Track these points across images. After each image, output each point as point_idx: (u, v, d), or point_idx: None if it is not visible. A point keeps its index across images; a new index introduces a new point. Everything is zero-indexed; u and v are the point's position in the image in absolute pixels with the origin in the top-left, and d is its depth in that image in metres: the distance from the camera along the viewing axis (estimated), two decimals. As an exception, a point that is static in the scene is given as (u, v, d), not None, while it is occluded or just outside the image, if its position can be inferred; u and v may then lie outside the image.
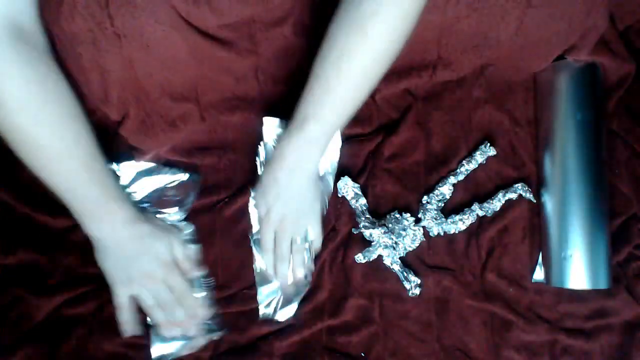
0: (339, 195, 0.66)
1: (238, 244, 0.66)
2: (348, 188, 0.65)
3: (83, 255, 0.65)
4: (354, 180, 0.66)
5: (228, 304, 0.65)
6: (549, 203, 0.64)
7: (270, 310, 0.63)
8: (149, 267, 0.57)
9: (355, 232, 0.65)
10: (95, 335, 0.63)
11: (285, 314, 0.63)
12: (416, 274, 0.64)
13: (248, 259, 0.66)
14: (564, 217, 0.62)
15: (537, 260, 0.65)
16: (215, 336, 0.63)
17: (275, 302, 0.63)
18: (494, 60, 0.66)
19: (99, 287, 0.65)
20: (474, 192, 0.67)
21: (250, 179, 0.68)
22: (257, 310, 0.63)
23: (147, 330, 0.63)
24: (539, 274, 0.65)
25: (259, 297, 0.63)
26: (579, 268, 0.60)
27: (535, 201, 0.65)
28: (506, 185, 0.66)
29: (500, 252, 0.65)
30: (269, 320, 0.63)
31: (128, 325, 0.59)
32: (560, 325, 0.64)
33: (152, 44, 0.57)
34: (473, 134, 0.68)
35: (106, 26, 0.55)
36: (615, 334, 0.64)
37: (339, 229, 0.66)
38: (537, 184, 0.67)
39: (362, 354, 0.64)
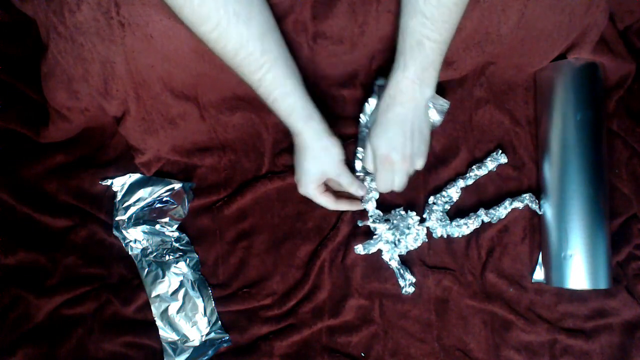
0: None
1: (238, 243, 0.67)
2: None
3: (83, 255, 0.66)
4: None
5: (228, 304, 0.65)
6: (550, 203, 0.64)
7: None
8: None
9: (360, 224, 0.65)
10: (95, 335, 0.63)
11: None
12: (413, 273, 0.64)
13: (248, 258, 0.66)
14: (564, 217, 0.61)
15: (537, 260, 0.65)
16: (224, 345, 0.64)
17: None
18: (495, 57, 0.66)
19: (99, 287, 0.65)
20: (474, 191, 0.67)
21: (249, 179, 0.68)
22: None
23: (160, 345, 0.63)
24: (539, 274, 0.65)
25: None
26: (579, 268, 0.60)
27: (540, 212, 0.65)
28: (506, 185, 0.67)
29: (500, 252, 0.65)
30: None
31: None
32: (560, 325, 0.64)
33: (156, 35, 0.57)
34: (474, 133, 0.68)
35: (112, 15, 0.55)
36: (615, 334, 0.64)
37: (340, 229, 0.66)
38: (537, 184, 0.67)
39: (362, 354, 0.64)
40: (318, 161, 0.58)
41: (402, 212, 0.65)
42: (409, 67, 0.54)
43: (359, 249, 0.64)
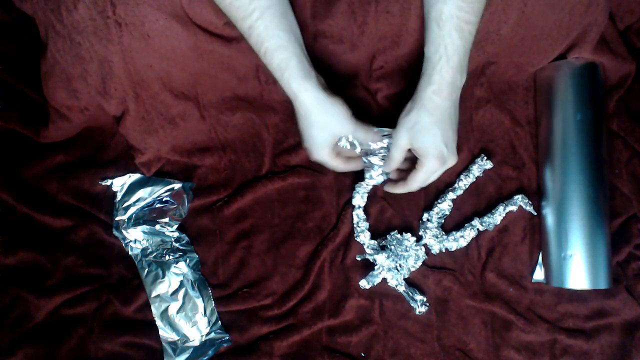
0: (353, 204, 0.65)
1: (238, 243, 0.67)
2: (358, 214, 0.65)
3: (83, 255, 0.66)
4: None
5: (228, 304, 0.65)
6: (549, 203, 0.64)
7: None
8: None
9: (359, 258, 0.65)
10: (95, 335, 0.63)
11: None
12: (422, 292, 0.64)
13: (248, 258, 0.66)
14: (564, 217, 0.61)
15: (537, 260, 0.65)
16: (224, 345, 0.64)
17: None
18: (495, 57, 0.66)
19: (99, 287, 0.65)
20: (475, 192, 0.66)
21: (250, 179, 0.68)
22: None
23: (160, 345, 0.64)
24: (539, 274, 0.65)
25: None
26: (579, 268, 0.60)
27: (535, 213, 0.65)
28: (506, 186, 0.67)
29: (500, 252, 0.65)
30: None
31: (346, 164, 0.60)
32: (560, 325, 0.64)
33: (153, 35, 0.57)
34: (474, 133, 0.68)
35: (108, 14, 0.55)
36: (615, 334, 0.64)
37: (340, 229, 0.66)
38: (537, 184, 0.67)
39: (362, 354, 0.64)
40: (325, 125, 0.55)
41: (398, 235, 0.64)
42: (452, 57, 0.51)
43: (364, 283, 0.63)
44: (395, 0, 0.59)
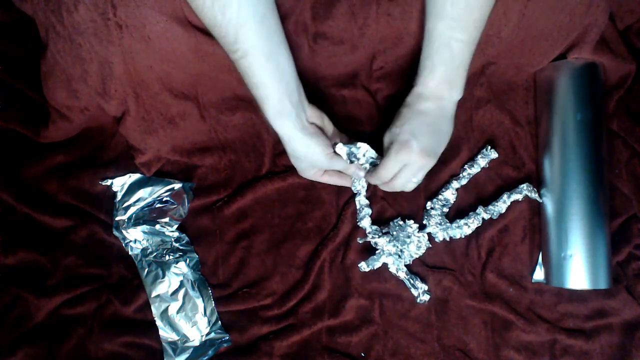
0: (354, 192, 0.65)
1: (238, 243, 0.67)
2: (360, 198, 0.65)
3: (83, 255, 0.66)
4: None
5: (228, 304, 0.65)
6: (549, 203, 0.64)
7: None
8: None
9: (360, 241, 0.65)
10: (95, 335, 0.63)
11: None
12: (423, 281, 0.64)
13: (248, 258, 0.66)
14: (564, 217, 0.61)
15: (537, 260, 0.65)
16: (224, 345, 0.64)
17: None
18: (495, 58, 0.66)
19: (99, 287, 0.65)
20: (474, 193, 0.66)
21: (250, 179, 0.68)
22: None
23: (160, 345, 0.64)
24: (539, 274, 0.65)
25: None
26: (579, 268, 0.60)
27: (541, 201, 0.65)
28: (507, 185, 0.66)
29: (500, 252, 0.65)
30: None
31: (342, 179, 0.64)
32: (560, 325, 0.64)
33: (153, 36, 0.57)
34: (474, 133, 0.68)
35: (109, 16, 0.55)
36: (615, 334, 0.64)
37: (340, 229, 0.66)
38: (537, 184, 0.67)
39: (362, 354, 0.64)
40: (303, 158, 0.58)
41: (400, 222, 0.65)
42: (436, 69, 0.53)
43: (363, 266, 0.63)
44: (396, 3, 0.59)
